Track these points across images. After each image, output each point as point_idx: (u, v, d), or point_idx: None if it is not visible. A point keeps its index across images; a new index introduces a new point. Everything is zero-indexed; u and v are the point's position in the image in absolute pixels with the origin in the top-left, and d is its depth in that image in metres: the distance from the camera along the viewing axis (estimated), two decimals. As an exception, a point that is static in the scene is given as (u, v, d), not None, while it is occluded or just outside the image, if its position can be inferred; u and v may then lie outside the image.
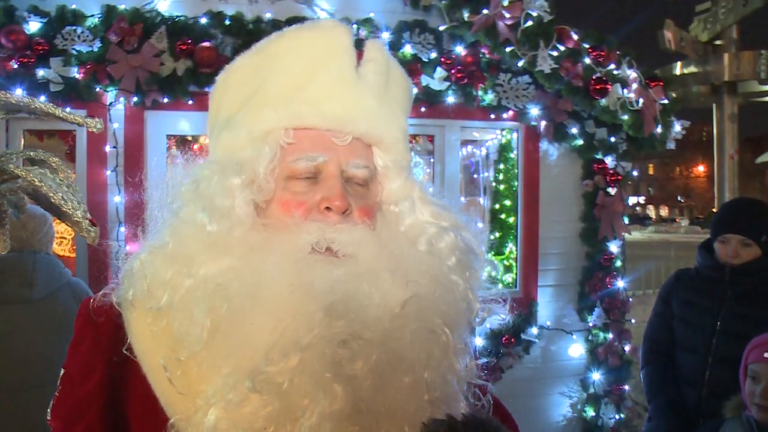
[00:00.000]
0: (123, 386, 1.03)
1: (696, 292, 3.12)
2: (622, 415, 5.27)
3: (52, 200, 1.47)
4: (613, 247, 5.23)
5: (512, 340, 4.99)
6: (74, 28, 4.20)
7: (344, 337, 0.93)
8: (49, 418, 1.08)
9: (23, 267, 3.21)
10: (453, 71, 4.77)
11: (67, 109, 1.54)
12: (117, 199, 4.39)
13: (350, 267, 1.00)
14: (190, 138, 5.89)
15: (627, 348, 5.27)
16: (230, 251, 1.01)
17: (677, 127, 5.22)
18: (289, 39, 1.12)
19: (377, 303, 0.98)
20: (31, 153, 1.79)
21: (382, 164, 1.15)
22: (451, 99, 4.83)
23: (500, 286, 4.82)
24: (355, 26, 4.62)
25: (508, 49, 4.73)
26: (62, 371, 1.09)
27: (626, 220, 5.39)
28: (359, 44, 1.15)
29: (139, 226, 1.15)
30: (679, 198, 66.97)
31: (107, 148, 4.39)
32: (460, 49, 4.84)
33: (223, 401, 0.91)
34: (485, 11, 4.63)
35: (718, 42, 9.05)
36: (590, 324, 5.21)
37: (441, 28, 4.84)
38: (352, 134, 1.09)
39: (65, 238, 6.65)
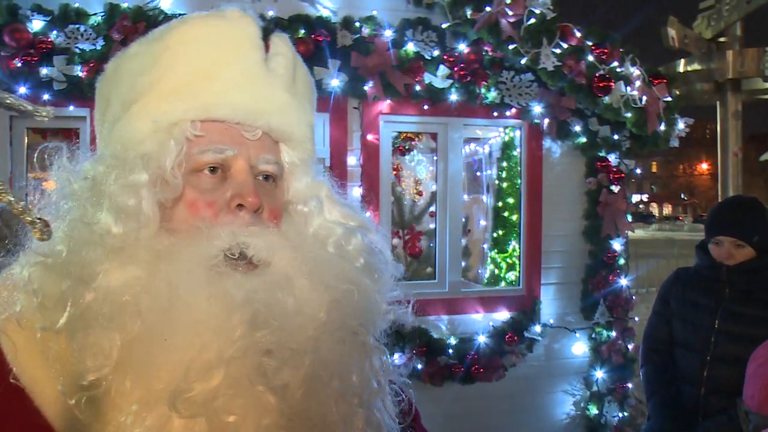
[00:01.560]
0: (8, 427, 0.87)
1: (695, 291, 3.12)
2: (625, 413, 5.28)
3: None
4: (617, 245, 5.23)
5: (515, 338, 4.99)
6: (77, 26, 4.21)
7: (269, 347, 0.88)
8: None
9: None
10: (456, 69, 4.76)
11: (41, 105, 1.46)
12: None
13: (266, 275, 0.95)
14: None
15: (630, 346, 5.27)
16: (135, 258, 0.91)
17: (681, 125, 5.21)
18: (193, 27, 1.05)
19: (298, 310, 0.93)
20: None
21: (289, 161, 1.11)
22: (454, 97, 4.83)
23: (503, 284, 4.75)
24: (358, 24, 4.63)
25: (511, 47, 4.72)
26: None
27: (629, 218, 5.39)
28: (264, 36, 1.10)
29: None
30: (682, 196, 66.85)
31: (110, 147, 4.39)
32: (462, 47, 4.83)
33: (141, 428, 0.82)
34: (488, 9, 4.63)
35: (721, 39, 9.01)
36: (593, 322, 5.21)
37: (444, 26, 4.84)
38: (262, 128, 1.04)
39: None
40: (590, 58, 4.79)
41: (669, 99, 5.08)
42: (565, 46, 4.75)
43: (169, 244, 0.95)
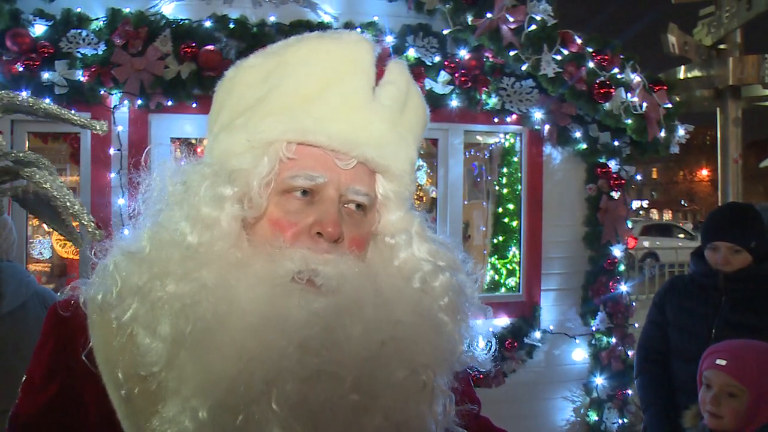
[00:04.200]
0: (82, 395, 0.97)
1: (691, 299, 3.07)
2: (625, 420, 5.26)
3: (59, 202, 1.43)
4: (617, 251, 5.23)
5: (515, 344, 4.98)
6: (79, 31, 4.22)
7: (314, 373, 0.88)
8: (6, 427, 1.01)
9: None
10: (457, 75, 4.77)
11: (73, 111, 1.52)
12: (121, 202, 4.40)
13: (330, 299, 0.93)
14: (194, 141, 5.90)
15: (630, 353, 5.25)
16: (207, 266, 0.95)
17: (681, 131, 5.21)
18: (308, 47, 1.04)
19: (356, 339, 0.92)
20: (21, 154, 1.73)
21: (383, 193, 1.09)
22: (454, 103, 4.84)
23: (503, 290, 4.72)
24: (359, 30, 4.63)
25: (511, 53, 4.73)
26: (24, 378, 1.03)
27: (630, 225, 5.38)
28: (381, 62, 1.09)
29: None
30: (682, 202, 66.80)
31: (111, 151, 4.40)
32: (463, 53, 4.84)
33: (178, 428, 0.86)
34: (489, 15, 4.64)
35: (722, 46, 9.02)
36: (593, 328, 5.21)
37: (445, 32, 4.85)
38: (357, 158, 1.02)
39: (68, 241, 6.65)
40: (591, 64, 4.80)
41: (669, 105, 5.09)
42: (565, 52, 4.75)
43: (242, 257, 0.97)
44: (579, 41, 4.82)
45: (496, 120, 5.08)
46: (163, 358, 0.89)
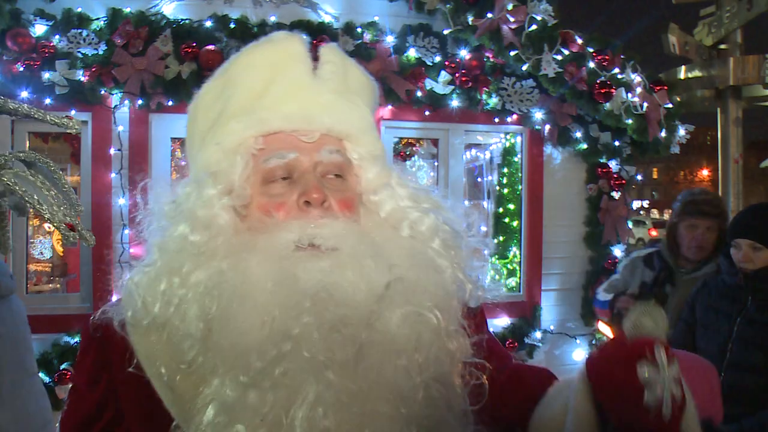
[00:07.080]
0: (120, 399, 1.09)
1: (719, 298, 3.06)
2: (625, 420, 5.26)
3: (27, 203, 1.45)
4: (617, 251, 5.22)
5: (516, 344, 4.98)
6: (80, 31, 4.22)
7: (333, 323, 0.94)
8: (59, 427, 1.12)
9: None
10: (457, 75, 4.77)
11: (67, 115, 1.49)
12: (121, 202, 4.40)
13: (334, 258, 1.01)
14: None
15: (631, 352, 5.25)
16: (216, 257, 1.04)
17: (681, 131, 5.21)
18: (246, 57, 1.17)
19: (362, 289, 0.98)
20: (22, 155, 1.76)
21: (356, 156, 1.17)
22: (455, 103, 4.84)
23: (504, 290, 4.71)
24: (359, 30, 4.64)
25: (512, 53, 4.73)
26: (70, 386, 1.14)
27: (630, 225, 5.38)
28: (314, 52, 1.18)
29: (141, 230, 1.17)
30: (683, 202, 66.67)
31: (112, 151, 4.40)
32: (464, 53, 4.85)
33: (221, 398, 0.94)
34: (490, 15, 4.64)
35: (722, 46, 9.00)
36: (594, 328, 5.20)
37: (445, 32, 4.85)
38: (319, 131, 1.12)
39: (69, 241, 6.65)
40: (591, 64, 4.80)
41: (670, 105, 5.09)
42: (566, 52, 4.76)
43: (245, 241, 1.06)
44: (579, 41, 4.82)
45: (496, 120, 5.08)
46: (197, 341, 0.98)
